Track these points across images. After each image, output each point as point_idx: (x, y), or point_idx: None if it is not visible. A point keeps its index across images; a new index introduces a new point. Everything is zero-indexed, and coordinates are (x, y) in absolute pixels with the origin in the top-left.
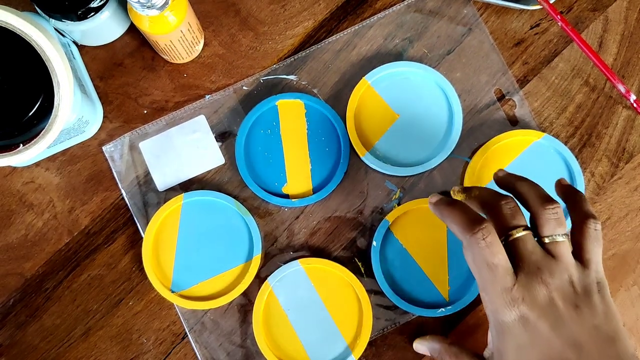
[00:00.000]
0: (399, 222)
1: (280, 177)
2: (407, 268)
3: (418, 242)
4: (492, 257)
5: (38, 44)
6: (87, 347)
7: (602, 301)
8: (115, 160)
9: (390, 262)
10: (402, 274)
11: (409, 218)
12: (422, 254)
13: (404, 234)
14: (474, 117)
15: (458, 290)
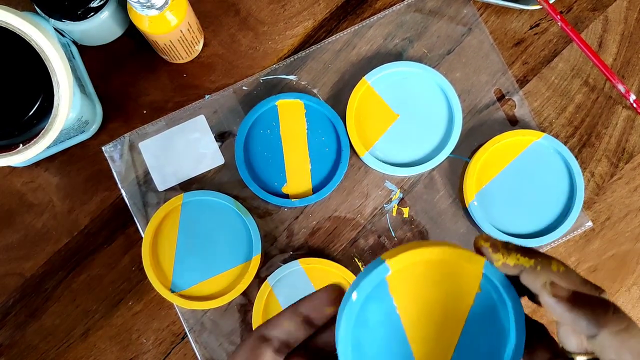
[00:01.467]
0: (402, 274)
1: (280, 177)
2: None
3: (422, 310)
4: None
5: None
6: (86, 347)
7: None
8: (115, 160)
9: (368, 326)
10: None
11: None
12: (422, 330)
13: (405, 292)
14: (474, 117)
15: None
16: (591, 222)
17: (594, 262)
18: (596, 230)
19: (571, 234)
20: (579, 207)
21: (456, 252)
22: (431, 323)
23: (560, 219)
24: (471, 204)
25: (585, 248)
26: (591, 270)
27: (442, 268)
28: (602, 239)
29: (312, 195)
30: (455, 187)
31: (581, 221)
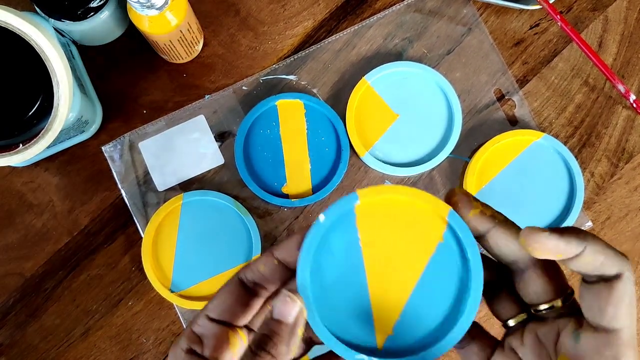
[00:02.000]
0: (373, 207)
1: (280, 177)
2: (348, 275)
3: (384, 250)
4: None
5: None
6: (86, 346)
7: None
8: (115, 160)
9: (331, 253)
10: (337, 277)
11: (390, 209)
12: (380, 268)
13: (370, 227)
14: (474, 117)
15: (398, 349)
16: (591, 222)
17: None
18: (596, 230)
19: None
20: (579, 207)
21: (424, 196)
22: (391, 263)
23: (560, 219)
24: None
25: None
26: None
27: (409, 211)
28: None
29: (312, 195)
30: (455, 187)
31: (581, 221)
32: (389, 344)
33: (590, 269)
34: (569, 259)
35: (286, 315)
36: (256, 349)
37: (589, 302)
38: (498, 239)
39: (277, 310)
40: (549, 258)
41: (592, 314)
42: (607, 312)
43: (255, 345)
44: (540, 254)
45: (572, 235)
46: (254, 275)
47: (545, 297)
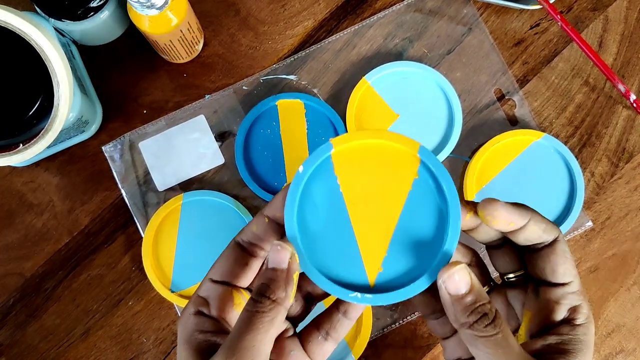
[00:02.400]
0: (348, 153)
1: (280, 177)
2: (333, 220)
3: (363, 192)
4: None
5: (38, 43)
6: (86, 346)
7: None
8: (115, 160)
9: (314, 203)
10: (323, 225)
11: (365, 153)
12: (363, 209)
13: (348, 172)
14: (474, 117)
15: (389, 283)
16: (591, 221)
17: (594, 261)
18: (596, 230)
19: (572, 234)
20: (579, 207)
21: (394, 137)
22: (371, 203)
23: (560, 219)
24: None
25: (585, 247)
26: (592, 269)
27: (382, 152)
28: (602, 239)
29: None
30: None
31: (581, 221)
32: (380, 280)
33: (535, 237)
34: (518, 230)
35: (279, 261)
36: (256, 296)
37: (540, 266)
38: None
39: (270, 259)
40: (503, 228)
41: (545, 275)
42: (558, 271)
43: (255, 293)
44: (496, 223)
45: (520, 207)
46: (248, 236)
47: (514, 267)
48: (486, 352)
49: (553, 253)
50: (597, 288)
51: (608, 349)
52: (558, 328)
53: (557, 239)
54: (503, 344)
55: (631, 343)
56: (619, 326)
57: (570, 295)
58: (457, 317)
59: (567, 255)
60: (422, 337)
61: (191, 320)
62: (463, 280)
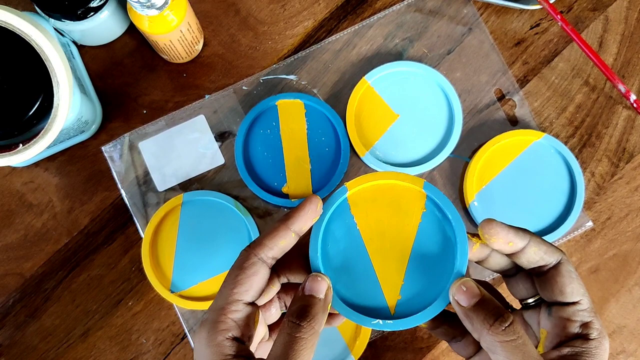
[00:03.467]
0: (362, 194)
1: (280, 177)
2: (353, 255)
3: (378, 228)
4: None
5: (38, 43)
6: (86, 347)
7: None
8: (115, 160)
9: (335, 240)
10: (343, 260)
11: (376, 193)
12: (378, 244)
13: (363, 211)
14: (474, 117)
15: (408, 308)
16: (592, 222)
17: (595, 261)
18: (597, 230)
19: (572, 234)
20: (579, 207)
21: (402, 176)
22: (386, 237)
23: (561, 219)
24: (471, 204)
25: (586, 248)
26: (592, 270)
27: (392, 191)
28: (603, 239)
29: None
30: (455, 187)
31: (582, 221)
32: (399, 307)
33: (537, 258)
34: (519, 252)
35: (318, 291)
36: (296, 319)
37: (549, 288)
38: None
39: (309, 287)
40: (503, 248)
41: (554, 295)
42: (566, 291)
43: (295, 317)
44: (495, 242)
45: (518, 230)
46: (275, 252)
47: (530, 292)
48: (506, 356)
49: (559, 274)
50: (598, 289)
51: (609, 349)
52: (572, 342)
53: (560, 261)
54: (522, 349)
55: (632, 344)
56: (620, 327)
57: (581, 313)
58: (475, 326)
59: (572, 276)
60: (421, 338)
61: (227, 345)
62: (471, 290)
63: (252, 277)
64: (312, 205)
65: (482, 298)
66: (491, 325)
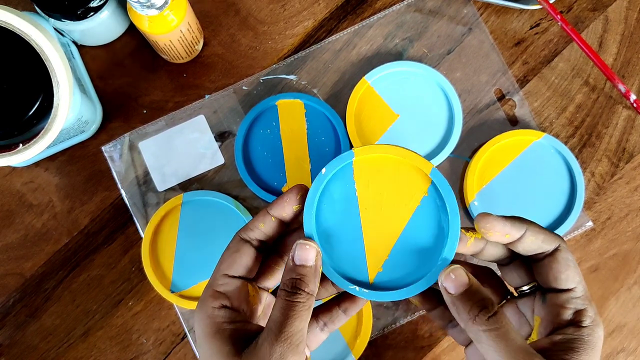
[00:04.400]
0: (368, 163)
1: (280, 177)
2: (346, 220)
3: (376, 199)
4: None
5: (38, 43)
6: (86, 347)
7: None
8: (115, 160)
9: (331, 203)
10: (335, 223)
11: (382, 165)
12: (373, 214)
13: (365, 180)
14: (474, 117)
15: (386, 283)
16: (592, 222)
17: (595, 261)
18: (597, 230)
19: (572, 234)
20: (579, 207)
21: (412, 156)
22: (382, 211)
23: (561, 219)
24: (472, 204)
25: (586, 247)
26: (592, 269)
27: (398, 168)
28: (603, 239)
29: None
30: (455, 187)
31: (582, 221)
32: (378, 279)
33: (534, 247)
34: (516, 241)
35: (307, 259)
36: (292, 289)
37: (544, 274)
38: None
39: (298, 256)
40: (500, 240)
41: (549, 282)
42: (560, 277)
43: (289, 287)
44: (492, 235)
45: (515, 220)
46: (256, 233)
47: (525, 280)
48: (490, 345)
49: (555, 261)
50: (598, 288)
51: (609, 348)
52: (564, 329)
53: (558, 248)
54: (506, 336)
55: (632, 343)
56: (620, 326)
57: (574, 300)
58: (461, 316)
59: (569, 263)
60: (422, 337)
61: (217, 314)
62: (461, 279)
63: (235, 254)
64: (292, 194)
65: (469, 287)
66: (476, 315)
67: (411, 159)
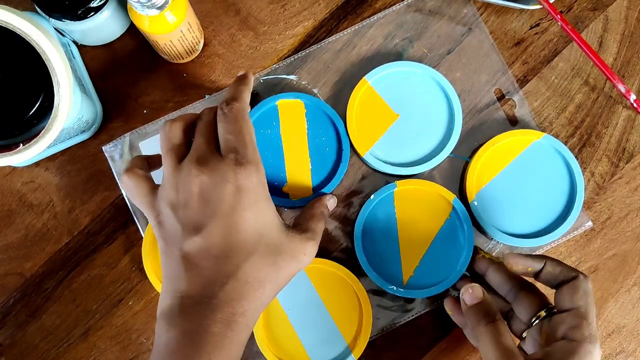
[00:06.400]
0: (404, 192)
1: (280, 177)
2: (387, 234)
3: (411, 220)
4: None
5: (38, 43)
6: (87, 346)
7: None
8: (115, 160)
9: (375, 220)
10: (378, 235)
11: (416, 194)
12: (408, 231)
13: (402, 205)
14: (474, 117)
15: (416, 284)
16: (591, 222)
17: (594, 261)
18: (597, 230)
19: (572, 234)
20: (579, 207)
21: (439, 188)
22: (414, 230)
23: (560, 219)
24: (471, 204)
25: (585, 248)
26: (592, 270)
27: (429, 196)
28: (602, 239)
29: (313, 195)
30: (455, 187)
31: (581, 221)
32: (410, 281)
33: (553, 277)
34: (538, 272)
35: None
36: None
37: (561, 298)
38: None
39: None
40: (523, 272)
41: (563, 305)
42: (574, 299)
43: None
44: (516, 268)
45: (536, 256)
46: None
47: (534, 310)
48: (485, 343)
49: (571, 285)
50: (597, 288)
51: (608, 349)
52: (557, 342)
53: (576, 276)
54: (498, 339)
55: (632, 344)
56: (619, 327)
57: (573, 317)
58: (470, 320)
59: (581, 290)
60: (422, 337)
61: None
62: (475, 294)
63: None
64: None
65: (481, 300)
66: (480, 321)
67: (438, 190)
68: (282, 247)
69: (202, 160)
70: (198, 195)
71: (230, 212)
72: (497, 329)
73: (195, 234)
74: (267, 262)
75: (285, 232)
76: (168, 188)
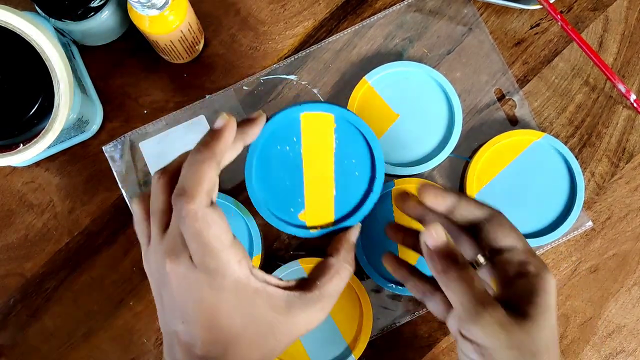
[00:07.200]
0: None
1: (298, 203)
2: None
3: (409, 219)
4: None
5: (38, 43)
6: (88, 347)
7: None
8: (116, 160)
9: (374, 219)
10: (379, 234)
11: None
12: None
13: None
14: (474, 117)
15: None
16: (592, 221)
17: (594, 261)
18: (597, 230)
19: (572, 234)
20: (579, 207)
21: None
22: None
23: (560, 219)
24: None
25: (586, 247)
26: (592, 269)
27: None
28: (602, 239)
29: (334, 227)
30: (455, 187)
31: (582, 221)
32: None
33: (469, 214)
34: (454, 209)
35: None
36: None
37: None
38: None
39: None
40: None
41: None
42: (498, 237)
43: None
44: (428, 200)
45: (451, 192)
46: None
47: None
48: (455, 291)
49: (491, 225)
50: (598, 288)
51: (608, 349)
52: (514, 282)
53: (492, 214)
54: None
55: (632, 344)
56: (620, 327)
57: (516, 255)
58: (435, 267)
59: (505, 225)
60: (422, 337)
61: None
62: (439, 237)
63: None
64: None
65: (445, 244)
66: (449, 266)
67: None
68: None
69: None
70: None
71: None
72: (469, 275)
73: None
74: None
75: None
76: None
